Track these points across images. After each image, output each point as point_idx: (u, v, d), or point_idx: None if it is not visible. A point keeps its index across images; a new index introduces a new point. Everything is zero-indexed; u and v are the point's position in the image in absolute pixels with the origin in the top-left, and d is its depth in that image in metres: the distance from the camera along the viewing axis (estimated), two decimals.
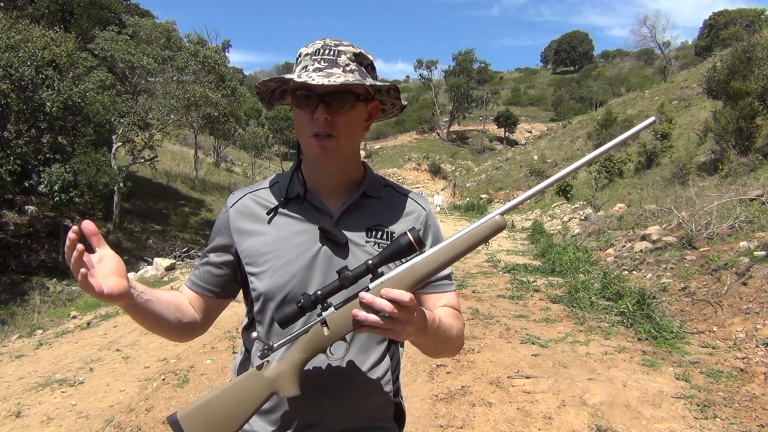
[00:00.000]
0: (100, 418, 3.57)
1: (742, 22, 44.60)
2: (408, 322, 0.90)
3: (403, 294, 0.87)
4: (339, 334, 0.94)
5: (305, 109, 1.04)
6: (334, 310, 0.94)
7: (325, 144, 1.04)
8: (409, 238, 0.91)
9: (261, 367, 0.98)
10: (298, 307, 0.94)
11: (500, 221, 0.94)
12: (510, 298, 6.64)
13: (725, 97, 16.69)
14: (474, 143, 62.05)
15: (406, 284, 0.91)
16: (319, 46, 1.06)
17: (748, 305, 4.77)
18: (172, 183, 24.69)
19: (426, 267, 0.93)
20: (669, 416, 3.27)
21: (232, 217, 1.13)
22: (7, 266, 13.07)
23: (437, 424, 3.26)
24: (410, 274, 0.92)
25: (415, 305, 0.90)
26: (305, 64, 1.04)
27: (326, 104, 1.01)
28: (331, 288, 0.94)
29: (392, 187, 1.21)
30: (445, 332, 1.04)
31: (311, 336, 0.95)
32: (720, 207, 7.61)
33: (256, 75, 73.12)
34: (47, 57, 13.04)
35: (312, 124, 1.03)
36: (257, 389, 0.96)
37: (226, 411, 0.95)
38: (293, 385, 0.96)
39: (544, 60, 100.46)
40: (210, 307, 1.19)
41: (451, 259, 0.94)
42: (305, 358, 0.96)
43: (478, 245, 0.95)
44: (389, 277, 0.93)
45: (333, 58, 1.04)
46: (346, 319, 0.92)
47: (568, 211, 17.79)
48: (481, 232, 0.94)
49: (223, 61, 21.73)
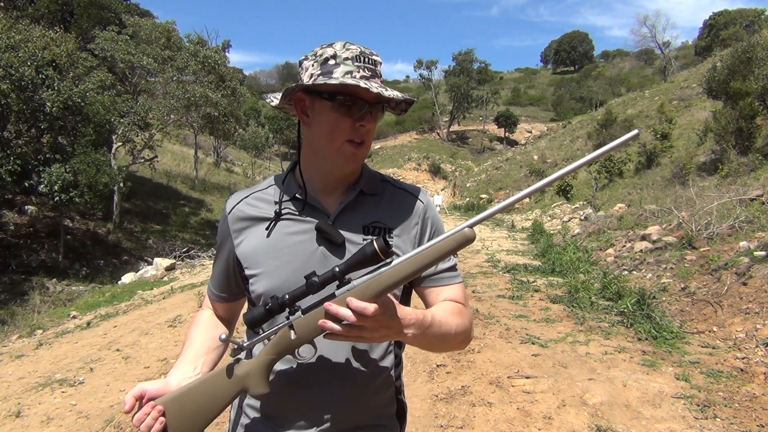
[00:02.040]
0: (100, 418, 3.57)
1: (742, 22, 44.59)
2: (375, 330, 0.91)
3: (367, 307, 0.88)
4: (306, 338, 0.97)
5: (348, 115, 1.04)
6: (302, 314, 0.96)
7: (357, 151, 1.07)
8: (375, 247, 0.92)
9: (232, 364, 1.02)
10: (265, 310, 0.97)
11: (469, 234, 0.94)
12: (510, 298, 6.64)
13: (725, 97, 16.68)
14: (474, 143, 62.06)
15: (372, 293, 0.91)
16: (357, 53, 1.04)
17: (748, 305, 4.77)
18: (172, 183, 24.69)
19: (391, 277, 0.93)
20: (669, 416, 3.27)
21: (231, 223, 1.15)
22: (7, 266, 13.07)
23: (437, 424, 3.26)
24: (376, 283, 0.93)
25: (380, 315, 0.90)
26: (348, 69, 1.02)
27: (371, 113, 1.04)
28: (298, 293, 0.96)
29: (390, 183, 1.20)
30: (440, 330, 1.03)
31: (278, 338, 0.98)
32: (720, 207, 7.61)
33: (256, 75, 73.15)
34: (47, 57, 13.05)
35: (353, 131, 1.05)
36: (228, 384, 1.01)
37: (199, 403, 1.01)
38: (261, 384, 1.00)
39: (544, 60, 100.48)
40: (233, 308, 1.27)
41: (418, 269, 0.94)
42: (273, 359, 1.00)
43: (446, 257, 0.95)
44: (354, 286, 0.93)
45: (373, 68, 1.05)
46: (312, 323, 0.95)
47: (568, 211, 17.79)
48: (449, 245, 0.94)
49: (223, 61, 21.75)
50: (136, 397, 1.01)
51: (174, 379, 1.08)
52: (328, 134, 1.06)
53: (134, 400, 1.01)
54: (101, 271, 14.67)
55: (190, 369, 1.11)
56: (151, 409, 0.99)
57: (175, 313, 6.59)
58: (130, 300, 8.80)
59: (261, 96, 1.19)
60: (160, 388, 1.04)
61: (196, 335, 1.20)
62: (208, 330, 1.22)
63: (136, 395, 1.01)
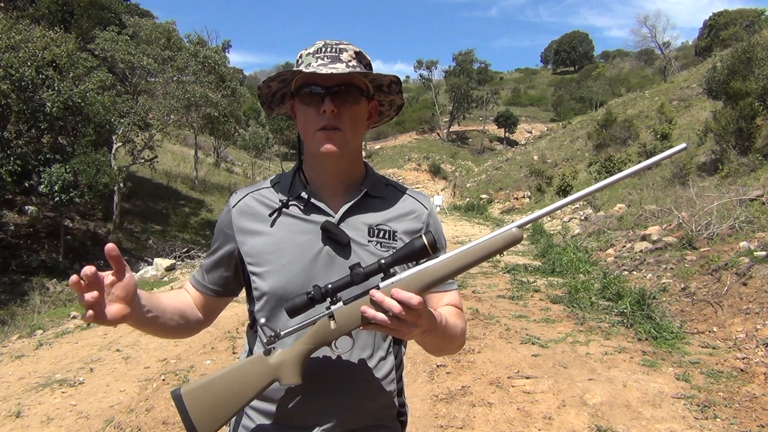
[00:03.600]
0: (100, 419, 3.56)
1: (742, 22, 44.58)
2: (414, 324, 0.91)
3: (412, 297, 0.87)
4: (345, 329, 0.95)
5: (311, 105, 1.05)
6: (343, 305, 0.95)
7: (332, 136, 1.05)
8: (424, 241, 0.92)
9: (267, 353, 1.00)
10: (308, 298, 0.95)
11: (517, 234, 0.94)
12: (510, 298, 6.64)
13: (725, 97, 16.69)
14: (474, 143, 62.04)
15: (416, 287, 0.92)
16: (320, 45, 1.07)
17: (748, 305, 4.77)
18: (172, 183, 24.68)
19: (437, 272, 0.93)
20: (669, 416, 3.27)
21: (234, 217, 1.13)
22: (7, 266, 13.07)
23: (437, 424, 3.26)
24: (421, 277, 0.92)
25: (423, 308, 0.90)
26: (308, 62, 1.05)
27: (333, 96, 1.03)
28: (341, 283, 0.95)
29: (394, 186, 1.21)
30: (450, 332, 1.05)
31: (317, 328, 0.96)
32: (720, 207, 7.60)
33: (256, 75, 73.10)
34: (47, 57, 13.05)
35: (319, 118, 1.04)
36: (260, 374, 0.99)
37: (228, 391, 0.98)
38: (295, 374, 0.97)
39: (544, 60, 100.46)
40: (213, 305, 1.22)
41: (464, 266, 0.94)
42: (310, 349, 0.97)
43: (492, 256, 0.95)
44: (400, 278, 0.93)
45: (336, 55, 1.05)
46: (353, 314, 0.93)
47: (569, 211, 17.79)
48: (496, 243, 0.94)
49: (223, 62, 21.73)
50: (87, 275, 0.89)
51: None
52: (303, 129, 1.08)
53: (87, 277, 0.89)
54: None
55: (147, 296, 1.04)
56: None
57: None
58: None
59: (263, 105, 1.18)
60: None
61: (170, 296, 1.16)
62: (184, 305, 1.16)
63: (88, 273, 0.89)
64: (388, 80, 1.11)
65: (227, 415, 0.98)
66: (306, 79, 1.04)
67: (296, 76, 1.07)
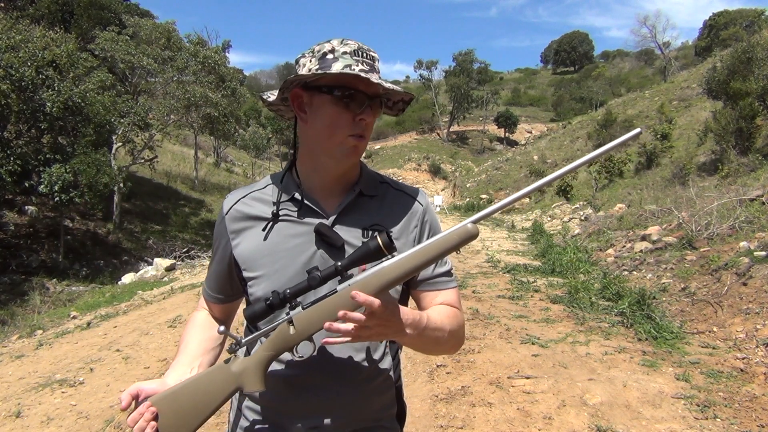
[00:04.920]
0: (100, 419, 3.57)
1: (741, 22, 44.58)
2: (375, 327, 0.91)
3: (373, 300, 0.87)
4: (305, 334, 0.95)
5: (348, 109, 1.03)
6: (302, 309, 0.95)
7: (359, 144, 1.06)
8: (378, 242, 0.91)
9: (228, 361, 1.00)
10: (266, 305, 0.96)
11: (472, 229, 0.93)
12: (510, 298, 6.63)
13: (725, 97, 16.69)
14: (474, 143, 62.05)
15: (373, 288, 0.91)
16: (355, 47, 1.04)
17: (748, 305, 4.77)
18: (172, 183, 24.69)
19: (393, 272, 0.92)
20: (669, 416, 3.27)
21: (228, 224, 1.13)
22: (7, 266, 13.07)
23: (437, 424, 3.26)
24: (377, 278, 0.92)
25: (384, 311, 0.89)
26: (347, 62, 1.02)
27: (371, 107, 1.04)
28: (299, 288, 0.95)
29: (388, 184, 1.19)
30: (435, 332, 1.03)
31: (277, 334, 0.96)
32: (720, 207, 7.60)
33: (256, 75, 73.12)
34: (47, 57, 13.06)
35: (354, 125, 1.04)
36: (223, 382, 0.99)
37: (193, 401, 0.98)
38: (257, 381, 0.97)
39: (544, 60, 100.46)
40: (229, 308, 1.25)
41: (421, 264, 0.93)
42: (271, 355, 0.97)
43: (449, 252, 0.94)
44: (356, 280, 0.93)
45: (371, 63, 1.05)
46: (312, 319, 0.93)
47: (568, 211, 17.79)
48: (452, 240, 0.93)
49: (223, 62, 21.76)
50: (132, 396, 1.00)
51: (171, 380, 1.06)
52: (329, 128, 1.04)
53: (130, 398, 0.99)
54: (101, 272, 14.67)
55: (186, 370, 1.09)
56: (145, 409, 0.97)
57: (175, 313, 6.59)
58: (130, 300, 8.79)
59: (260, 96, 1.16)
60: (156, 387, 1.02)
61: (192, 336, 1.18)
62: (204, 330, 1.19)
63: (133, 393, 1.00)
64: (409, 98, 1.13)
65: (195, 424, 0.98)
66: (347, 80, 1.02)
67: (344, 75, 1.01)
